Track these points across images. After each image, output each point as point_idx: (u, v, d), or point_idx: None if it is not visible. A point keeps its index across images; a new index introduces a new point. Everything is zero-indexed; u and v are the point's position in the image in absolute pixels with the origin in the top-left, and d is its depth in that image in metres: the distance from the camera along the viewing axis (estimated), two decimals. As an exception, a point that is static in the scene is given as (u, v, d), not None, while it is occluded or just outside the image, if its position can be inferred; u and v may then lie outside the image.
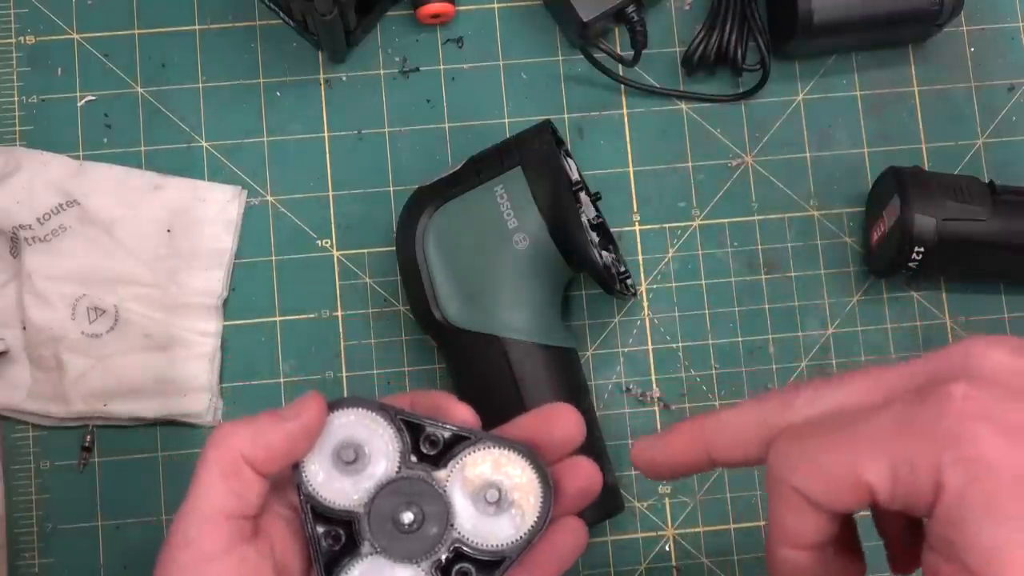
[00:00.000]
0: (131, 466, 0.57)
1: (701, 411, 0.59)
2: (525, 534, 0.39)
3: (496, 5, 0.62)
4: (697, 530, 0.58)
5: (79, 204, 0.57)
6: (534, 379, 0.52)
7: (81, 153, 0.59)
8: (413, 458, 0.40)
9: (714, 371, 0.60)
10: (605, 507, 0.54)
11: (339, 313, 0.59)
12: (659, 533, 0.58)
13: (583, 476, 0.41)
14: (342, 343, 0.59)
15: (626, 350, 0.60)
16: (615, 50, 0.60)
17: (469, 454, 0.39)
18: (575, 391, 0.54)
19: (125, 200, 0.58)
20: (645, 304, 0.60)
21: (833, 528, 0.33)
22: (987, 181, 0.58)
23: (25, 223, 0.56)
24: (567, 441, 0.41)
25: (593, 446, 0.54)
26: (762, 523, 0.59)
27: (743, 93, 0.61)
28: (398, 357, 0.59)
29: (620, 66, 0.60)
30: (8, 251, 0.57)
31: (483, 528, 0.39)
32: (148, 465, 0.57)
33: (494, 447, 0.39)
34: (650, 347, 0.60)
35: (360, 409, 0.39)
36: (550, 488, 0.39)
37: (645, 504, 0.58)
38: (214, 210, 0.58)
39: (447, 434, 0.40)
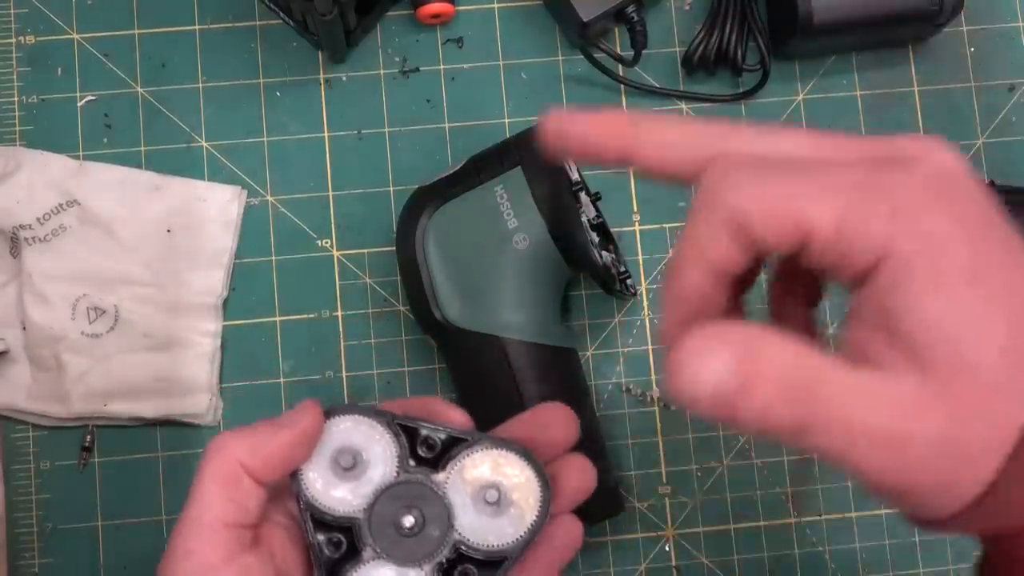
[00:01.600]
0: (131, 466, 0.57)
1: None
2: (525, 533, 0.39)
3: (496, 5, 0.62)
4: (697, 530, 0.58)
5: (79, 204, 0.57)
6: (534, 379, 0.52)
7: (81, 153, 0.59)
8: (411, 462, 0.40)
9: (714, 371, 0.59)
10: (605, 507, 0.54)
11: (339, 313, 0.59)
12: (659, 533, 0.58)
13: (579, 473, 0.41)
14: (342, 343, 0.59)
15: (626, 350, 0.60)
16: (615, 50, 0.60)
17: (467, 456, 0.39)
18: (575, 391, 0.54)
19: (125, 200, 0.58)
20: (645, 304, 0.60)
21: (742, 265, 0.31)
22: (987, 181, 0.58)
23: (25, 223, 0.56)
24: (562, 439, 0.41)
25: (593, 447, 0.54)
26: (762, 523, 0.59)
27: (743, 93, 0.61)
28: (398, 357, 0.59)
29: (620, 66, 0.60)
30: (8, 251, 0.57)
31: (483, 528, 0.39)
32: (148, 465, 0.57)
33: (492, 448, 0.39)
34: (650, 347, 0.60)
35: (356, 415, 0.40)
36: (548, 487, 0.39)
37: (645, 504, 0.58)
38: (214, 210, 0.58)
39: (444, 436, 0.40)
